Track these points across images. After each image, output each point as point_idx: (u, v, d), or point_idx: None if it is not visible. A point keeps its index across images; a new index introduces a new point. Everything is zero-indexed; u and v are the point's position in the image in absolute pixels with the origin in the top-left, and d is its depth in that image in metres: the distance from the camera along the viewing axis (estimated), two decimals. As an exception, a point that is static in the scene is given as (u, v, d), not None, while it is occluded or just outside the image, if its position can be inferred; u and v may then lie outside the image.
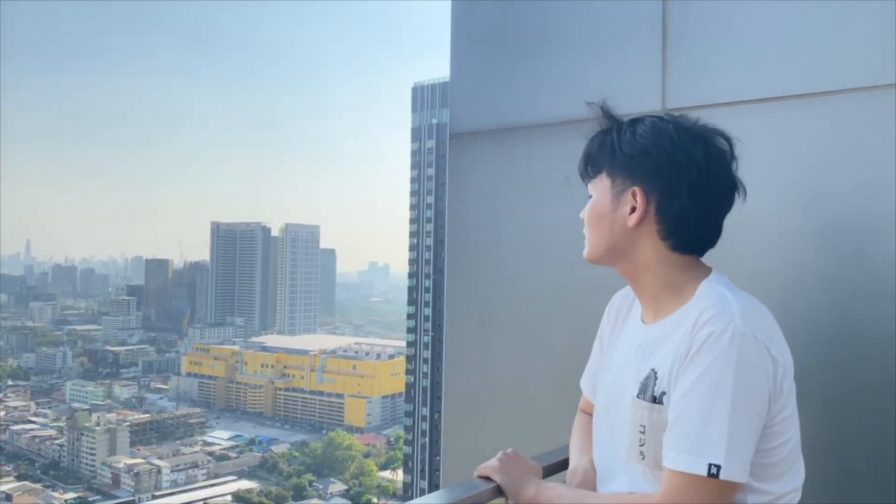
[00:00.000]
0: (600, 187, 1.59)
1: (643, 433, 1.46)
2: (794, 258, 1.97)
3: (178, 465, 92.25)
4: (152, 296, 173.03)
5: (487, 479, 1.60)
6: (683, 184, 1.50)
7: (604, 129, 1.62)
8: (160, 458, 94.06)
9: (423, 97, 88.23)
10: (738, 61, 2.13)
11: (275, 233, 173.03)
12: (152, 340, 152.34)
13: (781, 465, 1.41)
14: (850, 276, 1.87)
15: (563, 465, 1.82)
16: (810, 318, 1.87)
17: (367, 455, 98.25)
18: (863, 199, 1.88)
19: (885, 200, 1.84)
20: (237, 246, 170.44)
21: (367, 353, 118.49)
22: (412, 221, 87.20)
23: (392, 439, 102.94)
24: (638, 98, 2.26)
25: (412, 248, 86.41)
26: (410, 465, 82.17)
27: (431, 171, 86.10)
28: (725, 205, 1.54)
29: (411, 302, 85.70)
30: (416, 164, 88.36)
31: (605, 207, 1.57)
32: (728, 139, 1.55)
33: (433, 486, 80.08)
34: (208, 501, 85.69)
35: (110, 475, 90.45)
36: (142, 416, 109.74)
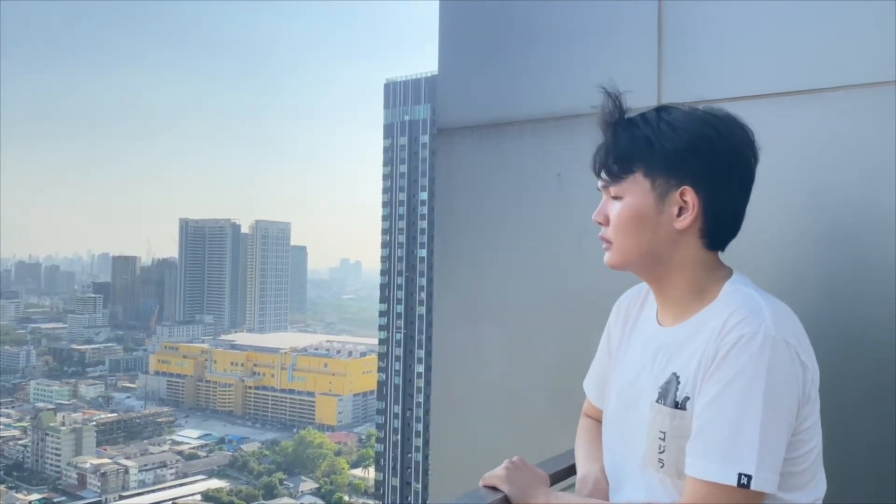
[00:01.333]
0: (636, 189, 1.42)
1: (663, 440, 1.39)
2: (793, 257, 1.94)
3: (146, 465, 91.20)
4: (119, 293, 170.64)
5: (494, 488, 1.52)
6: (735, 177, 1.41)
7: (624, 122, 1.46)
8: (128, 457, 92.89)
9: (396, 94, 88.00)
10: (735, 57, 2.08)
11: (245, 229, 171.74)
12: (119, 338, 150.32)
13: (806, 475, 1.35)
14: (849, 275, 1.84)
15: (568, 472, 1.75)
16: (809, 317, 1.78)
17: (338, 453, 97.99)
18: (862, 196, 1.85)
19: (884, 198, 1.81)
20: (206, 243, 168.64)
21: (338, 351, 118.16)
22: (385, 218, 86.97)
23: (363, 437, 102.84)
24: (633, 94, 2.20)
25: (385, 245, 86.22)
26: (382, 463, 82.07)
27: (404, 168, 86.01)
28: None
29: (384, 299, 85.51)
30: (388, 161, 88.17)
31: (647, 210, 1.41)
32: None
33: (405, 484, 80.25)
34: (177, 501, 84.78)
35: (76, 476, 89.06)
36: (109, 415, 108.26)
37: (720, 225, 1.43)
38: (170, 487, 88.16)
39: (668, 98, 2.18)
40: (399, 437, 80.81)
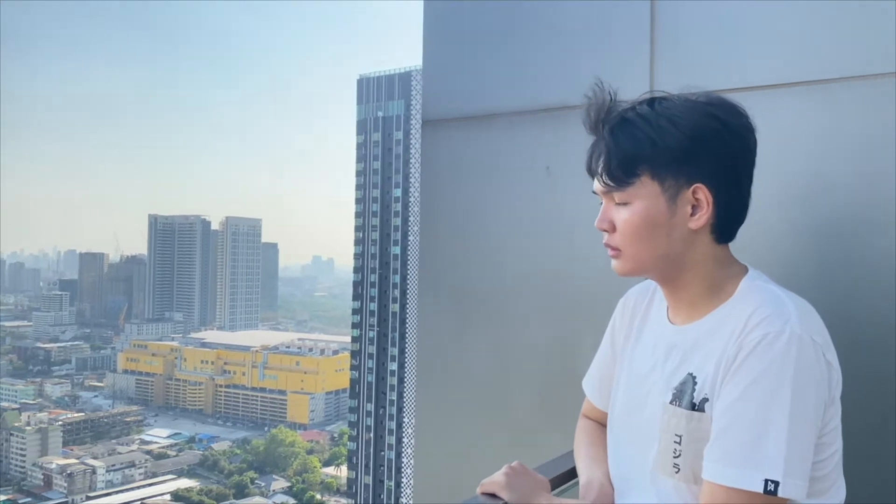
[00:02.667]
0: (644, 193, 1.34)
1: (678, 443, 1.32)
2: (790, 250, 1.92)
3: (113, 465, 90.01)
4: (87, 291, 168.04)
5: (493, 496, 1.44)
6: (741, 166, 1.36)
7: (619, 121, 1.37)
8: (95, 457, 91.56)
9: (369, 89, 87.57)
10: (729, 47, 2.03)
11: (215, 226, 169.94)
12: (87, 337, 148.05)
13: (828, 480, 1.29)
14: (847, 269, 1.81)
15: (567, 476, 1.69)
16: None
17: (310, 451, 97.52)
18: (860, 189, 1.82)
19: (881, 190, 1.78)
20: (176, 239, 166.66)
21: (310, 349, 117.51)
22: (358, 215, 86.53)
23: (336, 435, 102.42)
24: (625, 85, 2.14)
25: (358, 242, 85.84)
26: (355, 461, 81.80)
27: (377, 165, 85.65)
28: None
29: (357, 297, 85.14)
30: (361, 158, 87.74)
31: (659, 215, 1.34)
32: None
33: (378, 482, 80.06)
34: (146, 501, 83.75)
35: (42, 476, 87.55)
36: (75, 414, 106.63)
37: (732, 217, 1.37)
38: (138, 487, 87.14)
39: (661, 89, 2.12)
40: (372, 435, 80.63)
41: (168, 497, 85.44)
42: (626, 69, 2.17)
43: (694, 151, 1.31)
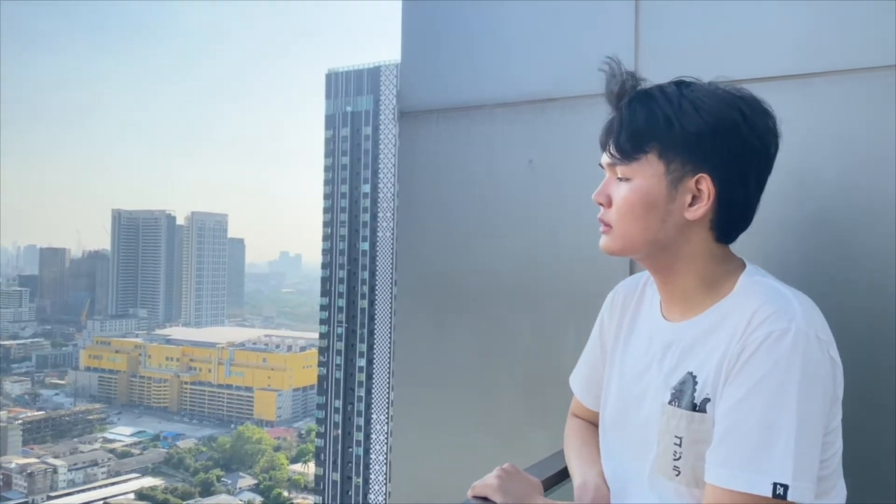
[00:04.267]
0: (648, 171, 1.30)
1: (679, 445, 1.27)
2: (778, 247, 1.89)
3: (75, 464, 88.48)
4: (47, 286, 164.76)
5: (485, 499, 1.38)
6: (754, 168, 1.31)
7: (641, 94, 1.33)
8: (56, 456, 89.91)
9: (338, 84, 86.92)
10: (717, 39, 2.00)
11: (180, 221, 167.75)
12: (48, 333, 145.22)
13: (830, 480, 1.25)
14: (836, 265, 1.79)
15: (559, 477, 1.63)
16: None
17: (277, 448, 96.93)
18: (847, 185, 1.79)
19: (869, 186, 1.75)
20: (140, 234, 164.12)
21: (277, 346, 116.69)
22: (326, 211, 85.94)
23: (303, 432, 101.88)
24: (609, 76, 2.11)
25: (326, 238, 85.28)
26: (322, 458, 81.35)
27: (346, 160, 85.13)
28: None
29: (325, 293, 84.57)
30: (330, 153, 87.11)
31: (658, 197, 1.30)
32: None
33: (345, 478, 79.75)
34: (109, 500, 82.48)
35: (0, 476, 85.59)
36: (35, 413, 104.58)
37: (732, 218, 1.32)
38: (101, 487, 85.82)
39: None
40: (340, 431, 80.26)
41: (132, 496, 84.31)
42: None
43: (708, 139, 1.27)
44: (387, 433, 76.98)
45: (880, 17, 1.76)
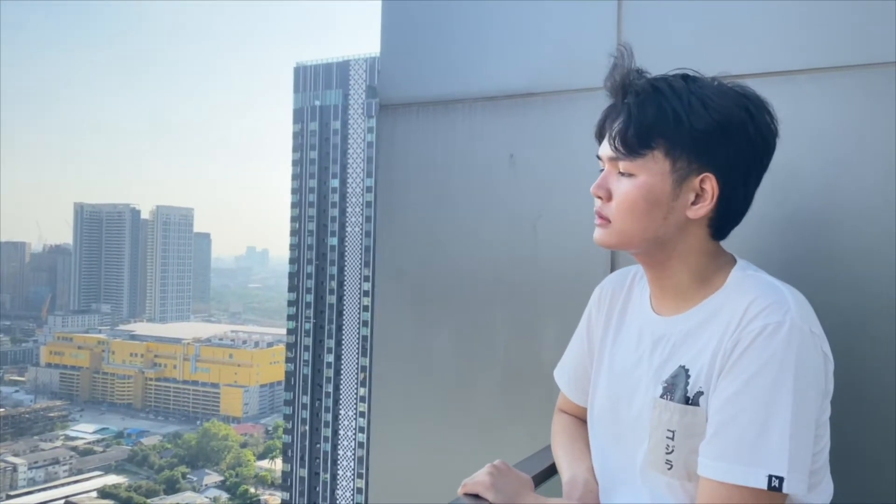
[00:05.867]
0: (653, 168, 1.28)
1: (671, 439, 1.27)
2: (759, 244, 1.88)
3: (36, 462, 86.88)
4: (7, 281, 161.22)
5: (476, 497, 1.37)
6: (754, 167, 1.31)
7: (649, 88, 1.30)
8: (16, 454, 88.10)
9: (306, 78, 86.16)
10: (697, 38, 2.00)
11: (145, 215, 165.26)
12: (7, 329, 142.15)
13: (819, 474, 1.25)
14: (815, 262, 1.79)
15: (546, 473, 1.62)
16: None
17: (244, 445, 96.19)
18: (826, 181, 1.80)
19: (848, 182, 1.76)
20: (103, 228, 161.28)
21: (244, 342, 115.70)
22: (294, 206, 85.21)
23: (270, 428, 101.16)
24: (591, 74, 2.10)
25: (294, 233, 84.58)
26: (290, 454, 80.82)
27: (314, 155, 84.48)
28: None
29: (292, 288, 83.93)
30: (298, 147, 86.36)
31: (662, 194, 1.28)
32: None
33: (313, 475, 79.38)
34: (71, 499, 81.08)
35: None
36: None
37: (730, 216, 1.33)
38: (63, 485, 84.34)
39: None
40: (307, 427, 79.82)
41: (94, 494, 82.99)
42: (593, 57, 2.12)
43: (716, 138, 1.26)
44: (355, 429, 76.88)
45: (858, 16, 1.77)
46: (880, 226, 1.72)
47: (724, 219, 1.32)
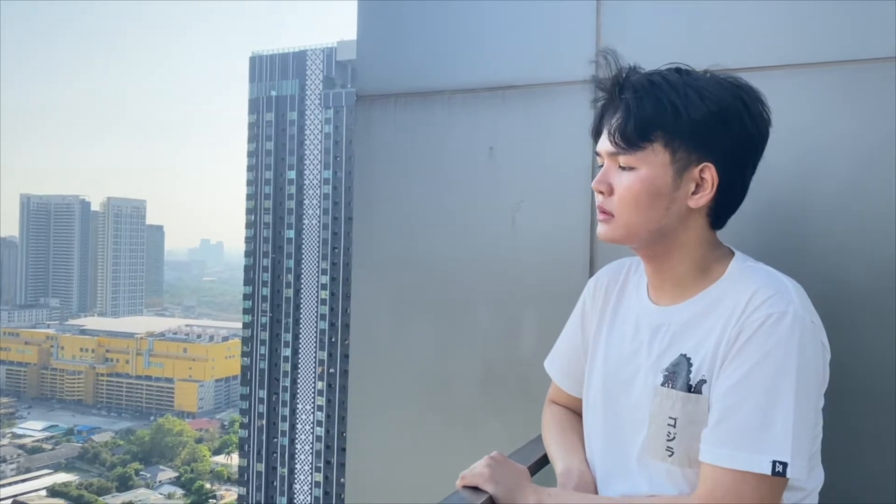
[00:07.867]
0: (653, 161, 1.30)
1: (673, 426, 1.28)
2: (732, 238, 1.91)
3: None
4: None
5: (475, 489, 1.37)
6: (751, 155, 1.34)
7: (645, 82, 1.32)
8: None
9: (262, 68, 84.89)
10: (676, 32, 2.02)
11: (95, 207, 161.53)
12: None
13: (813, 459, 1.29)
14: (788, 254, 1.79)
15: (539, 464, 1.63)
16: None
17: (199, 440, 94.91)
18: (797, 174, 1.81)
19: (819, 176, 1.78)
20: (51, 220, 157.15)
21: (198, 336, 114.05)
22: (249, 198, 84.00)
23: (226, 423, 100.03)
24: (571, 66, 2.11)
25: (249, 225, 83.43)
26: (247, 449, 79.94)
27: (271, 146, 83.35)
28: None
29: (248, 282, 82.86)
30: (253, 138, 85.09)
31: (663, 186, 1.30)
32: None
33: (270, 469, 78.68)
34: (18, 498, 79.03)
35: None
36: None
37: (730, 204, 1.36)
38: (10, 484, 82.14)
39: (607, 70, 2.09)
40: (264, 422, 79.06)
41: (44, 493, 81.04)
42: (573, 49, 2.13)
43: (714, 128, 1.28)
44: (313, 423, 76.42)
45: (832, 14, 1.79)
46: (853, 220, 1.74)
47: (724, 207, 1.35)
